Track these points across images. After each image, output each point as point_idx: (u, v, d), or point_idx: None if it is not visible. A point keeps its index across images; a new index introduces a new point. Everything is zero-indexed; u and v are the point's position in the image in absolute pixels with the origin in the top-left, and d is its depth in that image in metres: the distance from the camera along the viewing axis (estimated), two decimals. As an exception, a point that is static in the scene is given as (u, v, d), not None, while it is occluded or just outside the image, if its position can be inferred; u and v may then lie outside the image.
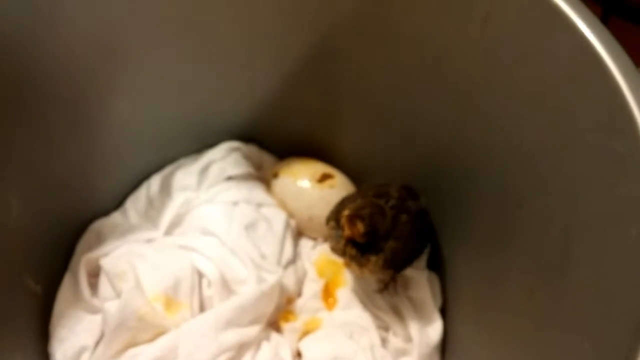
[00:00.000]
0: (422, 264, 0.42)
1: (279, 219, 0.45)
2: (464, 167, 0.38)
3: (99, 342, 0.39)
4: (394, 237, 0.37)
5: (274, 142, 0.49)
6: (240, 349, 0.38)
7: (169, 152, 0.47)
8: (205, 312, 0.40)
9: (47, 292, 0.40)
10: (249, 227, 0.44)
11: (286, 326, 0.41)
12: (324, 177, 0.46)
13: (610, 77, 0.26)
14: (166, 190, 0.46)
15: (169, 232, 0.44)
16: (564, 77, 0.29)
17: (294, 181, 0.46)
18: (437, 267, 0.43)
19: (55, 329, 0.39)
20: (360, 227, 0.36)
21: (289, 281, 0.42)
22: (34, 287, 0.39)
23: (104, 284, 0.41)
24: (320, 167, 0.47)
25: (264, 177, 0.48)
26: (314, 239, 0.46)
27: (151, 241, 0.44)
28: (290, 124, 0.47)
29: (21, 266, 0.38)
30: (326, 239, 0.43)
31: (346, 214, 0.36)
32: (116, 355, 0.38)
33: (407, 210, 0.38)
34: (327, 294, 0.43)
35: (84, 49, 0.37)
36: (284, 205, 0.46)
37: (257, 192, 0.46)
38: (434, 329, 0.40)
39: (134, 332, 0.38)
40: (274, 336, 0.40)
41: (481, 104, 0.35)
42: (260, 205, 0.45)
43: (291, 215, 0.46)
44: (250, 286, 0.40)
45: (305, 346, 0.40)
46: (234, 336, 0.38)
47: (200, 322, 0.38)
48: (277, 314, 0.41)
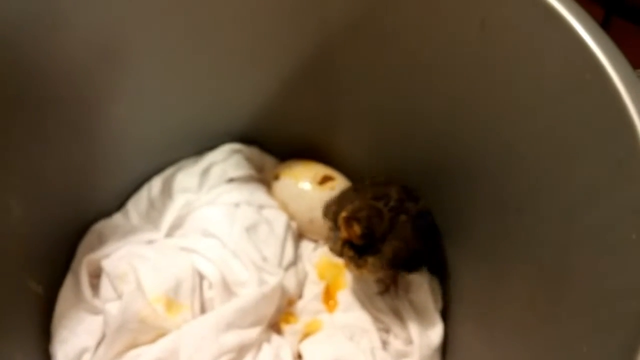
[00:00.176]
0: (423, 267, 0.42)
1: (280, 221, 0.45)
2: (463, 172, 0.38)
3: (100, 343, 0.39)
4: (394, 237, 0.37)
5: (275, 144, 0.49)
6: (240, 351, 0.38)
7: (170, 154, 0.47)
8: (206, 313, 0.40)
9: (49, 293, 0.40)
10: (250, 229, 0.44)
11: (287, 328, 0.41)
12: (325, 179, 0.46)
13: (609, 82, 0.26)
14: (167, 191, 0.46)
15: (170, 233, 0.44)
16: (562, 82, 0.29)
17: (295, 183, 0.46)
18: (438, 271, 0.43)
19: (56, 329, 0.40)
20: (357, 229, 0.36)
21: (290, 283, 0.42)
22: (35, 288, 0.39)
23: (105, 285, 0.41)
24: (321, 169, 0.47)
25: (265, 179, 0.48)
26: (315, 241, 0.46)
27: (152, 242, 0.44)
28: (291, 126, 0.47)
29: (23, 267, 0.38)
30: (327, 241, 0.43)
31: (343, 215, 0.36)
32: (117, 356, 0.38)
33: (406, 210, 0.38)
34: (328, 296, 0.43)
35: (84, 51, 0.37)
36: (285, 207, 0.46)
37: (258, 194, 0.46)
38: (435, 332, 0.40)
39: (135, 333, 0.38)
40: (275, 338, 0.40)
41: (479, 111, 0.35)
42: (261, 207, 0.45)
43: (292, 217, 0.46)
44: (251, 288, 0.40)
45: (305, 348, 0.40)
46: (235, 338, 0.38)
47: (201, 323, 0.38)
48: (278, 315, 0.42)
